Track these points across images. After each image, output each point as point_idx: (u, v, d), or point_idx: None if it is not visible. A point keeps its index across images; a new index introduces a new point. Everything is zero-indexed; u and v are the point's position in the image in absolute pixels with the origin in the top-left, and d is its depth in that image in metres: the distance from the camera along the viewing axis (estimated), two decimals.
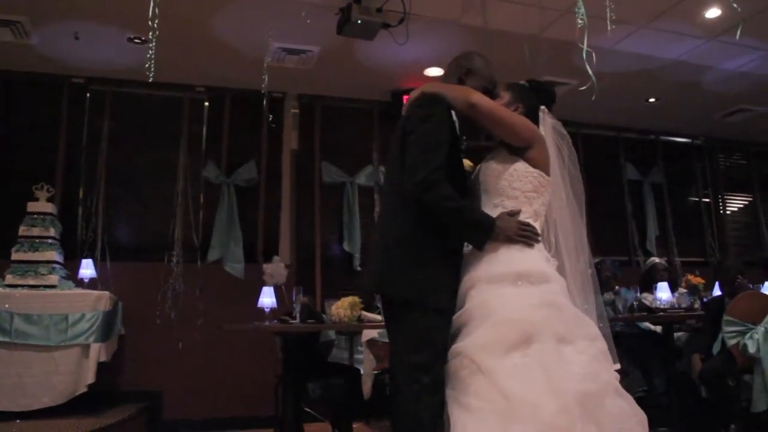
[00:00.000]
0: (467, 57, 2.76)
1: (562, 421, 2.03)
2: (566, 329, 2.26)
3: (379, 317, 5.07)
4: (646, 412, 4.19)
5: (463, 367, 2.21)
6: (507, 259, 2.37)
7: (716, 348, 4.71)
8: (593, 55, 2.84)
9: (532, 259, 2.40)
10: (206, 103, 6.90)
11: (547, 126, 2.76)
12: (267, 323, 4.79)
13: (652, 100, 7.48)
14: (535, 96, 2.76)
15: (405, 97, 6.90)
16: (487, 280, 2.35)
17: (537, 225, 2.50)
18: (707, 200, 8.88)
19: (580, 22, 2.87)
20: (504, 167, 2.53)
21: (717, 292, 5.46)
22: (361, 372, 5.75)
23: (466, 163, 2.76)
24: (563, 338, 2.23)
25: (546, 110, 2.78)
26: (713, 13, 5.35)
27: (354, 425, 4.99)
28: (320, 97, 7.13)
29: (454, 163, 2.54)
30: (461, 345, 2.24)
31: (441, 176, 2.34)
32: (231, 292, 6.22)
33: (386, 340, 5.94)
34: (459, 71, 2.71)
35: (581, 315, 2.39)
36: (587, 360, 2.21)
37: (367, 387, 5.83)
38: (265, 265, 5.66)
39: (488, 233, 2.39)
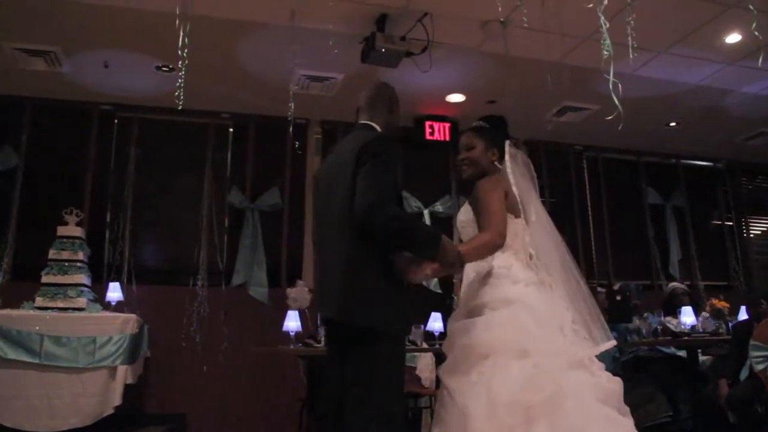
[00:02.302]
0: (391, 91, 2.96)
1: (491, 428, 2.31)
2: (528, 344, 2.49)
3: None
4: None
5: (442, 390, 2.54)
6: (475, 294, 2.73)
7: (744, 373, 4.67)
8: (619, 85, 2.87)
9: (495, 288, 2.69)
10: (231, 130, 7.02)
11: (519, 159, 3.01)
12: (291, 347, 4.84)
13: (672, 124, 7.49)
14: (500, 134, 3.06)
15: (427, 123, 6.99)
16: (465, 315, 2.72)
17: (506, 256, 2.76)
18: (730, 223, 8.84)
19: (605, 53, 2.91)
20: (467, 222, 2.89)
21: (743, 316, 5.43)
22: None
23: None
24: (525, 352, 2.47)
25: (511, 143, 3.04)
26: (733, 38, 5.39)
27: None
28: (343, 123, 7.20)
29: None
30: (439, 371, 2.60)
31: (391, 201, 2.50)
32: (255, 315, 6.28)
33: (409, 365, 5.99)
34: (388, 103, 2.91)
35: (550, 331, 2.58)
36: (538, 372, 2.41)
37: None
38: (288, 290, 5.72)
39: (436, 249, 2.51)
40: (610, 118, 3.22)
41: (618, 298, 5.40)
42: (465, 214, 2.91)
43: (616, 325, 5.34)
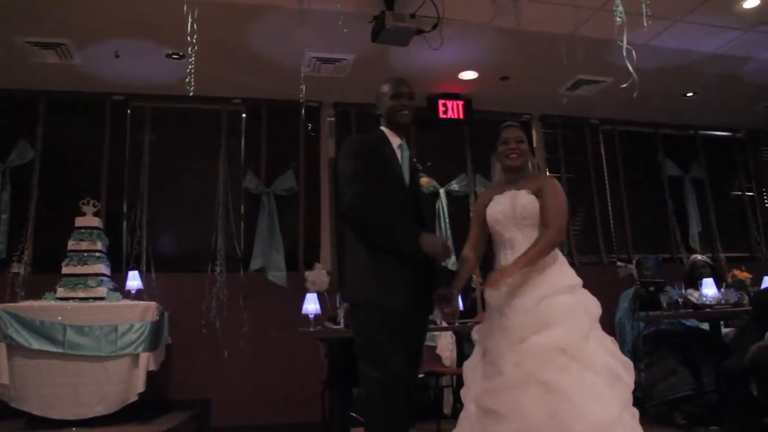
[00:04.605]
0: (378, 87, 3.11)
1: (630, 381, 2.76)
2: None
3: None
4: (695, 411, 4.43)
5: (559, 355, 2.72)
6: (559, 274, 2.97)
7: None
8: (633, 52, 2.83)
9: (572, 273, 3.01)
10: (243, 115, 7.02)
11: None
12: (311, 329, 4.85)
13: (690, 94, 7.37)
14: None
15: (440, 102, 6.94)
16: (554, 294, 2.88)
17: None
18: (751, 194, 8.71)
19: (618, 19, 2.86)
20: (533, 213, 3.06)
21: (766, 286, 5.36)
22: None
23: (423, 180, 3.08)
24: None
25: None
26: (751, 3, 5.27)
27: None
28: (355, 105, 7.17)
29: (395, 186, 2.94)
30: (550, 340, 2.74)
31: (362, 201, 2.80)
32: (274, 299, 6.31)
33: (429, 344, 5.99)
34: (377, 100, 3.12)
35: None
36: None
37: None
38: (307, 273, 5.76)
39: (415, 245, 2.75)
40: (624, 86, 3.19)
41: (651, 289, 5.36)
42: (532, 204, 3.05)
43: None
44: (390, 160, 2.96)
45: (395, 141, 3.02)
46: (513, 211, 3.05)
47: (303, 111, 5.52)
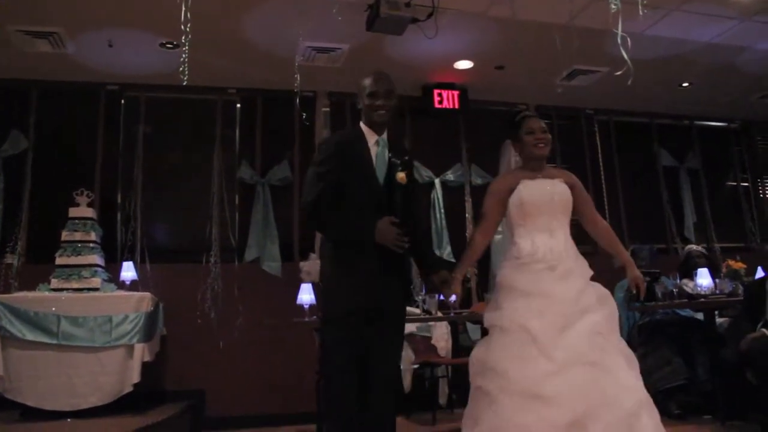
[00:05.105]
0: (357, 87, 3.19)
1: (638, 366, 2.93)
2: None
3: (417, 310, 5.09)
4: (690, 400, 4.51)
5: (597, 338, 2.87)
6: (584, 263, 3.18)
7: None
8: (628, 40, 2.82)
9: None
10: (238, 105, 6.99)
11: None
12: (306, 319, 4.85)
13: (685, 84, 7.36)
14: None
15: (436, 91, 6.91)
16: (587, 283, 3.08)
17: None
18: (745, 184, 8.73)
19: (613, 7, 2.85)
20: (567, 202, 3.25)
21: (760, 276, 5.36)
22: (401, 366, 5.76)
23: (399, 176, 3.10)
24: None
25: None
26: None
27: None
28: (351, 95, 7.08)
29: (364, 183, 3.01)
30: (590, 324, 2.87)
31: (312, 206, 2.92)
32: (269, 290, 6.30)
33: (425, 334, 6.00)
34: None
35: None
36: None
37: (406, 381, 5.86)
38: (301, 263, 5.74)
39: (370, 237, 2.85)
40: (619, 73, 3.18)
41: (646, 279, 5.38)
42: (567, 194, 3.24)
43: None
44: (362, 158, 3.03)
45: (371, 138, 3.09)
46: (552, 198, 3.17)
47: (298, 101, 5.49)
